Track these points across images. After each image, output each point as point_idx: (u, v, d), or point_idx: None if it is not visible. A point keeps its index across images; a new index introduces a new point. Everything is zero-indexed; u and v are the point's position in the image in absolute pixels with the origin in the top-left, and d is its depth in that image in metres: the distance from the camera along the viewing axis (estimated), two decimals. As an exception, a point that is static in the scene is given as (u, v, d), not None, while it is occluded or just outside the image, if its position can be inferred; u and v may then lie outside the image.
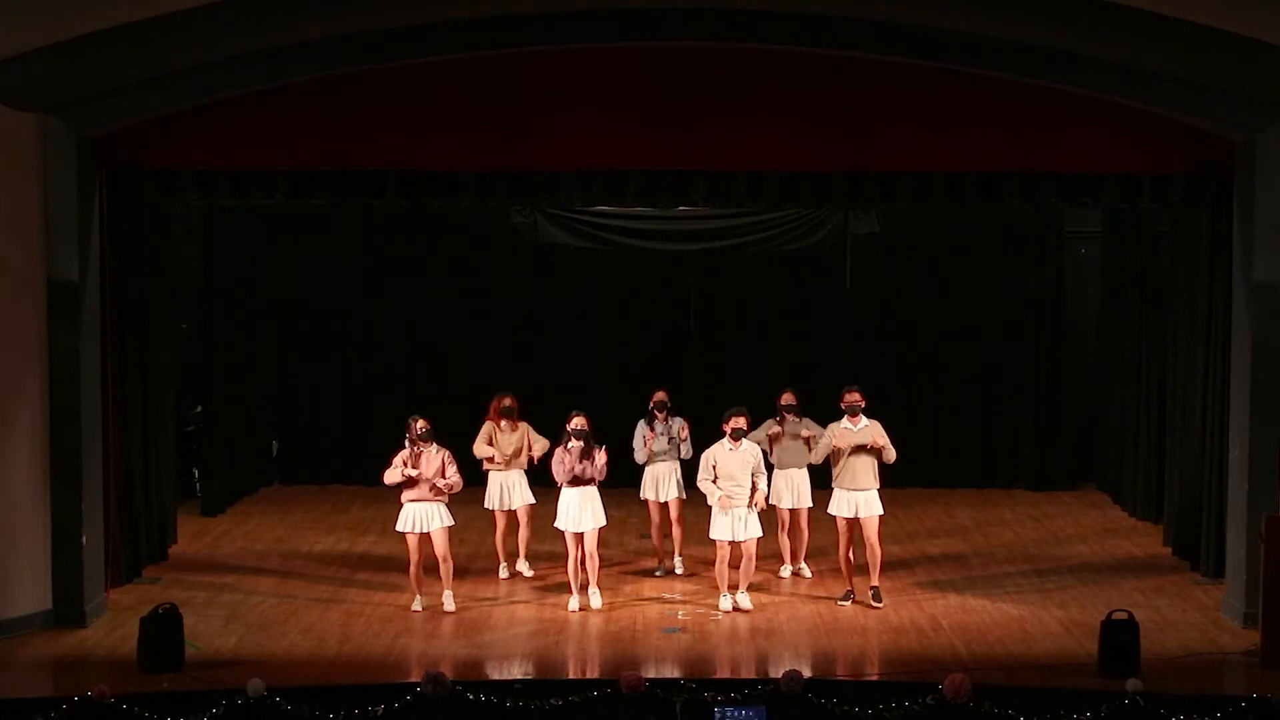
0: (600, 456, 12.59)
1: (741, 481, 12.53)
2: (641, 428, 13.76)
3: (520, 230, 16.53)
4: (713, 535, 12.75)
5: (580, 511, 12.58)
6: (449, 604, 12.68)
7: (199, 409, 16.92)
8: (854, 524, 12.83)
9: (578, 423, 12.59)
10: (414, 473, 12.42)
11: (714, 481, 12.54)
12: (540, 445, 13.56)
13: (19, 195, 11.94)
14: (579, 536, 12.62)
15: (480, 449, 13.56)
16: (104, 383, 12.64)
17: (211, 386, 16.64)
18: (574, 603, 12.65)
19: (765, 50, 12.43)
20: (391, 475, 12.52)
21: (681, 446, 13.76)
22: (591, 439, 12.57)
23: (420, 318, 18.03)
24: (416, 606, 12.65)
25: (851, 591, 12.94)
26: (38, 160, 11.95)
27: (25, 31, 11.40)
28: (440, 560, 12.66)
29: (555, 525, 12.74)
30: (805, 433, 13.37)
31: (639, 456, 13.72)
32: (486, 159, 12.81)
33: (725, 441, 12.61)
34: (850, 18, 11.89)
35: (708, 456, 12.65)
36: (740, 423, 12.62)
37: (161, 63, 11.92)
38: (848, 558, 12.94)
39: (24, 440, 12.04)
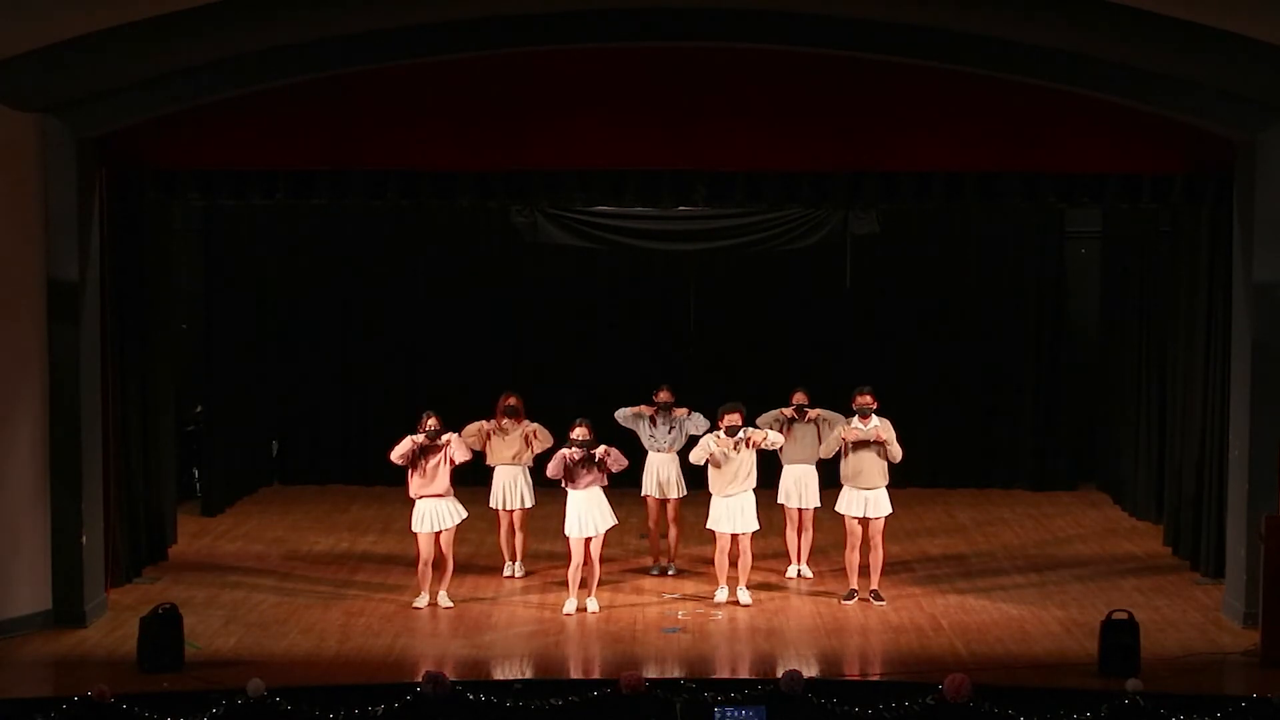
0: (612, 454, 12.55)
1: (734, 473, 12.56)
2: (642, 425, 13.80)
3: (520, 230, 16.50)
4: (710, 525, 12.80)
5: (588, 516, 12.53)
6: (445, 602, 12.77)
7: (199, 409, 16.91)
8: (862, 523, 12.84)
9: (580, 433, 12.56)
10: (421, 437, 12.53)
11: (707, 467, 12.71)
12: (543, 442, 13.55)
13: (19, 195, 11.93)
14: (586, 541, 12.59)
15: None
16: (104, 383, 12.63)
17: (211, 386, 16.63)
18: (570, 605, 12.63)
19: (765, 50, 12.42)
20: (402, 451, 12.57)
21: (686, 425, 13.70)
22: (592, 450, 12.53)
23: (420, 318, 18.00)
24: (419, 603, 12.67)
25: (855, 590, 12.93)
26: (38, 160, 11.94)
27: (25, 31, 11.39)
28: (444, 558, 12.72)
29: (565, 532, 12.70)
30: (813, 412, 13.34)
31: (646, 444, 13.73)
32: (486, 159, 12.80)
33: (721, 434, 12.63)
34: (850, 18, 11.89)
35: (706, 445, 12.69)
36: (735, 419, 12.64)
37: (161, 63, 11.92)
38: (852, 556, 12.95)
39: (24, 440, 12.04)
